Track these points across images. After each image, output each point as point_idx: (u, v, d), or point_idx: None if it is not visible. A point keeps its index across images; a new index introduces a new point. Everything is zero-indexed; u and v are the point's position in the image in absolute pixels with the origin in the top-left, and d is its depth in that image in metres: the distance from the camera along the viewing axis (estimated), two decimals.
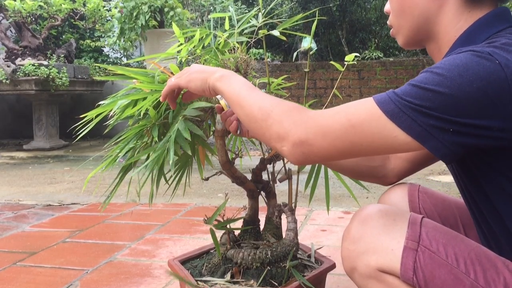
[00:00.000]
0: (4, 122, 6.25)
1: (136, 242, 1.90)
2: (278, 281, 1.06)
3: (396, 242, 0.71)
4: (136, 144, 1.07)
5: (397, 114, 0.65)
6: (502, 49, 0.65)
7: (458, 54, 0.67)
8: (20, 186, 3.22)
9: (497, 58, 0.63)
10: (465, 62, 0.64)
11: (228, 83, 0.81)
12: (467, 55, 0.65)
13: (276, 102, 0.75)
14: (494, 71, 0.62)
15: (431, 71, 0.66)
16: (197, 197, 2.67)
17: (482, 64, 0.63)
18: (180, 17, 4.45)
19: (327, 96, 6.83)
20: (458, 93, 0.62)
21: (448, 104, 0.63)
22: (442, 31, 0.78)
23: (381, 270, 0.72)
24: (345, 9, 7.27)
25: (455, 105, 0.62)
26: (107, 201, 1.12)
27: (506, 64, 0.63)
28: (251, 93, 0.78)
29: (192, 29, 1.11)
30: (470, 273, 0.68)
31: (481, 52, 0.65)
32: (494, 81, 0.62)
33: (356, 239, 0.75)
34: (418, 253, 0.70)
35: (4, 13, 4.87)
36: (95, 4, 5.02)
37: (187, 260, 1.22)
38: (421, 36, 0.82)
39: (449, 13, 0.77)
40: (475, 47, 0.67)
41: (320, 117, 0.70)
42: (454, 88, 0.62)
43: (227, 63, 1.07)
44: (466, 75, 0.63)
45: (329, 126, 0.69)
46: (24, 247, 1.88)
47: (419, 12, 0.79)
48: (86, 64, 5.42)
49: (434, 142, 0.64)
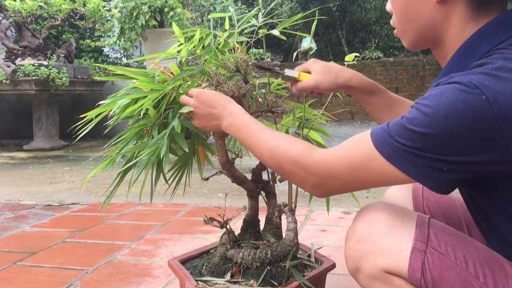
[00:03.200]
0: (4, 122, 6.25)
1: (136, 242, 1.90)
2: (278, 281, 1.06)
3: (404, 243, 0.70)
4: (136, 144, 1.07)
5: (393, 156, 0.67)
6: (493, 76, 0.63)
7: (446, 86, 0.65)
8: (20, 186, 3.22)
9: (484, 92, 0.61)
10: (451, 101, 0.62)
11: (236, 131, 0.90)
12: (454, 91, 0.63)
13: (283, 150, 0.80)
14: (481, 108, 0.61)
15: (420, 110, 0.65)
16: (197, 197, 2.67)
17: (468, 102, 0.61)
18: (180, 17, 4.45)
19: (327, 96, 6.83)
20: (446, 134, 0.63)
21: (438, 145, 0.64)
22: (448, 39, 0.77)
23: (388, 272, 0.71)
24: (345, 9, 7.28)
25: (445, 146, 0.63)
26: (107, 201, 1.12)
27: (495, 98, 0.61)
28: (257, 141, 0.85)
29: (192, 29, 1.11)
30: (480, 276, 0.67)
31: (467, 86, 0.63)
32: (482, 120, 0.61)
33: (362, 239, 0.74)
34: (426, 254, 0.69)
35: (4, 13, 4.87)
36: (95, 4, 5.02)
37: (187, 260, 1.22)
38: (427, 41, 0.81)
39: (455, 22, 0.75)
40: (464, 76, 0.65)
41: (325, 163, 0.74)
42: (441, 130, 0.63)
43: (227, 63, 1.07)
44: (452, 116, 0.62)
45: (335, 170, 0.73)
46: (24, 247, 1.88)
47: (424, 21, 0.77)
48: (86, 64, 5.42)
49: (432, 181, 0.67)
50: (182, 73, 1.03)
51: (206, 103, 0.95)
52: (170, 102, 1.06)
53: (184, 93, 1.09)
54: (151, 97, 0.99)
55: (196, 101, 0.96)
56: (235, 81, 1.08)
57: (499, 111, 0.60)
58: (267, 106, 1.13)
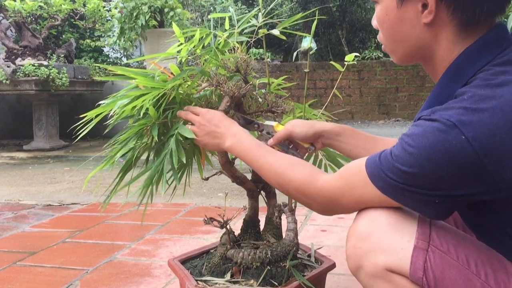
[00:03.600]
0: (4, 122, 6.25)
1: (136, 242, 1.90)
2: (278, 280, 1.06)
3: (406, 241, 0.70)
4: (136, 144, 1.07)
5: (388, 190, 0.70)
6: (472, 110, 0.63)
7: (428, 124, 0.66)
8: (20, 186, 3.22)
9: (463, 130, 0.62)
10: (432, 142, 0.64)
11: (239, 153, 0.93)
12: (434, 132, 0.64)
13: (287, 178, 0.83)
14: (461, 149, 0.62)
15: (405, 149, 0.67)
16: (197, 197, 2.67)
17: (448, 144, 0.62)
18: (180, 17, 4.46)
19: (327, 96, 6.83)
20: (431, 174, 0.65)
21: (426, 182, 0.66)
22: (437, 58, 0.77)
23: (389, 270, 0.71)
24: (345, 9, 7.28)
25: (432, 183, 0.66)
26: (107, 201, 1.12)
27: (474, 136, 0.61)
28: (261, 166, 0.88)
29: (192, 29, 1.11)
30: (481, 274, 0.67)
31: (447, 125, 0.63)
32: (464, 159, 0.62)
33: (364, 237, 0.74)
34: (428, 253, 0.69)
35: (4, 13, 4.86)
36: (95, 4, 5.02)
37: (187, 259, 1.22)
38: (416, 58, 0.81)
39: (444, 43, 0.75)
40: (444, 112, 0.65)
41: (327, 193, 0.78)
42: (426, 170, 0.65)
43: (227, 63, 1.07)
44: (435, 158, 0.63)
45: (337, 200, 0.78)
46: (24, 247, 1.88)
47: (413, 42, 0.77)
48: (86, 64, 5.41)
49: (428, 210, 0.70)
50: (182, 73, 1.03)
51: (211, 121, 0.98)
52: (170, 102, 1.06)
53: (184, 93, 1.09)
54: (152, 95, 0.99)
55: (202, 118, 0.99)
56: (235, 81, 1.08)
57: (480, 149, 0.61)
58: (267, 106, 1.13)
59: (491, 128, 0.62)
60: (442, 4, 0.71)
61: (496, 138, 0.61)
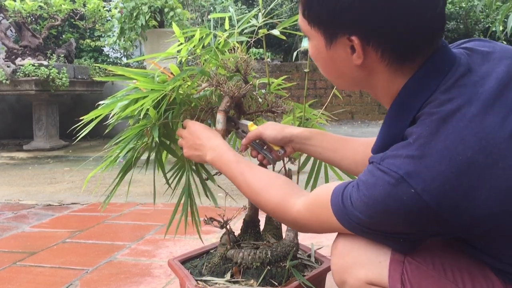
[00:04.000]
0: (4, 122, 6.25)
1: (136, 242, 1.90)
2: (278, 280, 1.06)
3: (383, 254, 0.71)
4: (136, 144, 1.07)
5: (354, 229, 0.70)
6: (418, 158, 0.61)
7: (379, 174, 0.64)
8: (20, 186, 3.22)
9: (412, 184, 0.60)
10: (384, 197, 0.63)
11: (219, 167, 0.94)
12: (385, 186, 0.63)
13: (262, 200, 0.84)
14: (412, 202, 0.60)
15: (360, 198, 0.66)
16: (197, 197, 2.66)
17: (399, 198, 0.61)
18: (180, 17, 4.45)
19: (327, 96, 6.83)
20: (389, 223, 0.65)
21: (386, 228, 0.67)
22: (380, 91, 0.74)
23: (370, 283, 0.72)
24: None
25: (392, 228, 0.66)
26: (107, 201, 1.12)
27: (424, 188, 0.60)
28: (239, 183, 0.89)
29: (192, 29, 1.11)
30: (458, 282, 0.67)
31: (395, 179, 0.62)
32: (416, 211, 0.61)
33: (344, 254, 0.75)
34: (404, 264, 0.70)
35: (4, 13, 4.87)
36: (95, 4, 5.02)
37: (187, 260, 1.22)
38: (358, 88, 0.79)
39: (381, 79, 0.71)
40: (393, 161, 0.63)
41: (299, 221, 0.79)
42: (383, 220, 0.65)
43: (227, 63, 1.07)
44: (389, 211, 0.63)
45: (308, 228, 0.79)
46: (24, 247, 1.88)
47: (349, 78, 0.75)
48: (86, 64, 5.41)
49: (397, 247, 0.71)
50: (182, 73, 1.03)
51: (193, 134, 0.99)
52: (170, 103, 1.06)
53: (184, 93, 1.09)
54: (151, 97, 0.99)
55: (186, 131, 1.01)
56: (235, 81, 1.08)
57: (432, 200, 0.60)
58: (267, 106, 1.13)
59: (440, 177, 0.60)
60: (369, 47, 0.67)
61: (447, 187, 0.59)
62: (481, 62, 0.68)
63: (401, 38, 0.65)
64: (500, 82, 0.65)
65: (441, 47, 0.69)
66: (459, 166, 0.60)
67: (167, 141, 1.13)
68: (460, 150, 0.60)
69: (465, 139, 0.60)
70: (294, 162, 1.16)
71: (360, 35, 0.66)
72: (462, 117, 0.62)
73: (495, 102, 0.63)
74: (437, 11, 0.64)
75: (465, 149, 0.60)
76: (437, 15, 0.65)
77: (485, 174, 0.60)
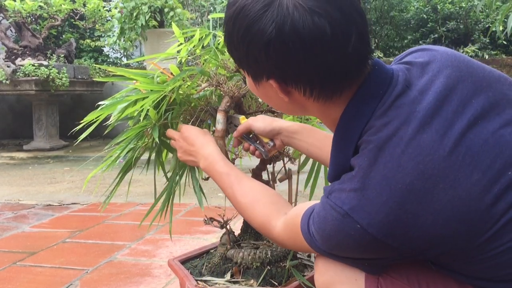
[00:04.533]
0: (4, 122, 6.25)
1: (136, 242, 1.90)
2: (278, 280, 1.06)
3: (359, 272, 0.71)
4: (136, 145, 1.07)
5: (323, 253, 0.71)
6: (361, 191, 0.61)
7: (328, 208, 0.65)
8: (20, 186, 3.22)
9: (357, 219, 0.61)
10: (334, 231, 0.64)
11: (211, 177, 0.96)
12: (334, 221, 0.63)
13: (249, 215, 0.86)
14: (360, 236, 0.61)
15: (316, 231, 0.67)
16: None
17: (347, 233, 0.62)
18: (180, 17, 4.45)
19: None
20: (346, 253, 0.67)
21: (346, 256, 0.68)
22: (321, 119, 0.75)
23: None
24: None
25: (351, 255, 0.67)
26: (107, 201, 1.12)
27: (369, 223, 0.60)
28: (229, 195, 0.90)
29: (192, 29, 1.11)
30: None
31: (342, 215, 0.62)
32: (366, 243, 0.62)
33: (323, 272, 0.76)
34: (379, 280, 0.70)
35: (4, 13, 4.86)
36: (95, 4, 5.02)
37: (187, 260, 1.22)
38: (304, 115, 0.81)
39: (315, 111, 0.72)
40: (339, 195, 0.64)
41: (280, 240, 0.81)
42: (339, 251, 0.67)
43: (227, 63, 1.07)
44: (341, 244, 0.64)
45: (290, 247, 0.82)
46: (24, 247, 1.88)
47: (287, 110, 0.77)
48: (86, 64, 5.41)
49: (362, 267, 0.70)
50: (182, 73, 1.03)
51: (187, 139, 1.00)
52: (170, 103, 1.06)
53: (184, 93, 1.09)
54: (151, 98, 0.99)
55: (180, 136, 1.01)
56: (235, 81, 1.08)
57: (378, 233, 0.60)
58: (267, 106, 1.13)
59: (383, 208, 0.59)
60: (289, 87, 0.67)
61: (391, 218, 0.59)
62: (420, 75, 0.66)
63: (317, 79, 0.64)
64: (438, 97, 0.63)
65: (373, 71, 0.67)
66: (400, 195, 0.59)
67: (167, 140, 1.13)
68: (399, 178, 0.59)
69: (403, 165, 0.59)
70: (294, 162, 1.16)
71: (277, 79, 0.66)
72: (399, 141, 0.61)
73: (433, 119, 0.61)
74: (349, 50, 0.62)
75: (403, 176, 0.59)
76: (353, 52, 0.62)
77: (426, 199, 0.59)
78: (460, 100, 0.63)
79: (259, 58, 0.65)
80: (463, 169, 0.59)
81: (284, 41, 0.61)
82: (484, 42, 5.30)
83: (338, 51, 0.62)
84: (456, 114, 0.62)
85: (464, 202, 0.59)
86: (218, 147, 0.98)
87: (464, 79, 0.65)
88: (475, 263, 0.62)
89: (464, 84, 0.65)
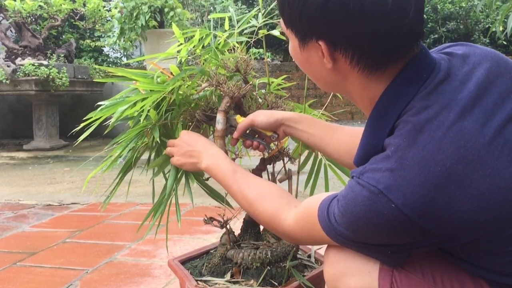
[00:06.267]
0: (4, 122, 6.25)
1: (136, 242, 1.90)
2: (278, 281, 1.06)
3: (372, 264, 0.71)
4: (136, 145, 1.07)
5: (342, 243, 0.70)
6: (397, 171, 0.60)
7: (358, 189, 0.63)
8: (20, 186, 3.22)
9: (392, 198, 0.60)
10: (364, 212, 0.62)
11: (215, 174, 0.95)
12: (364, 201, 0.62)
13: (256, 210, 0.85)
14: (393, 216, 0.60)
15: (342, 214, 0.65)
16: (197, 197, 2.66)
17: (380, 213, 0.61)
18: (180, 17, 4.46)
19: (327, 96, 6.83)
20: (372, 236, 0.65)
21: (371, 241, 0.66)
22: (356, 96, 0.74)
23: None
24: None
25: (376, 240, 0.65)
26: (107, 201, 1.12)
27: (404, 203, 0.59)
28: (234, 192, 0.90)
29: (192, 29, 1.11)
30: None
31: (375, 194, 0.61)
32: (399, 224, 0.60)
33: (335, 263, 0.75)
34: (394, 273, 0.69)
35: (4, 13, 4.87)
36: (95, 4, 5.02)
37: (187, 260, 1.22)
38: (336, 92, 0.80)
39: (355, 84, 0.71)
40: (372, 175, 0.63)
41: (290, 234, 0.79)
42: (367, 234, 0.65)
43: (227, 63, 1.07)
44: (370, 226, 0.62)
45: (301, 241, 0.80)
46: (24, 247, 1.88)
47: (325, 80, 0.75)
48: (86, 64, 5.41)
49: (385, 259, 0.70)
50: (182, 73, 1.03)
51: (188, 142, 1.00)
52: (171, 104, 1.06)
53: (184, 93, 1.09)
54: (151, 99, 0.99)
55: (179, 140, 1.02)
56: (235, 81, 1.08)
57: (412, 214, 0.59)
58: (267, 107, 1.13)
59: (419, 189, 0.59)
60: (337, 53, 0.66)
61: (427, 199, 0.59)
62: (461, 66, 0.67)
63: (368, 47, 0.64)
64: (480, 87, 0.64)
65: (420, 53, 0.67)
66: (438, 177, 0.59)
67: (167, 140, 1.13)
68: (438, 161, 0.59)
69: (443, 148, 0.59)
70: (294, 162, 1.16)
71: (327, 41, 0.66)
72: (440, 125, 0.61)
73: (474, 108, 0.62)
74: (405, 22, 0.62)
75: (443, 159, 0.59)
76: (408, 25, 0.62)
77: (465, 184, 0.58)
78: (499, 93, 0.64)
79: (313, 17, 0.64)
80: (502, 159, 0.59)
81: (344, 2, 0.61)
82: (484, 43, 5.30)
83: (395, 21, 0.61)
84: (496, 106, 0.63)
85: (502, 191, 0.59)
86: (220, 149, 0.99)
87: (503, 74, 0.66)
88: (499, 255, 0.62)
89: (503, 79, 0.66)
